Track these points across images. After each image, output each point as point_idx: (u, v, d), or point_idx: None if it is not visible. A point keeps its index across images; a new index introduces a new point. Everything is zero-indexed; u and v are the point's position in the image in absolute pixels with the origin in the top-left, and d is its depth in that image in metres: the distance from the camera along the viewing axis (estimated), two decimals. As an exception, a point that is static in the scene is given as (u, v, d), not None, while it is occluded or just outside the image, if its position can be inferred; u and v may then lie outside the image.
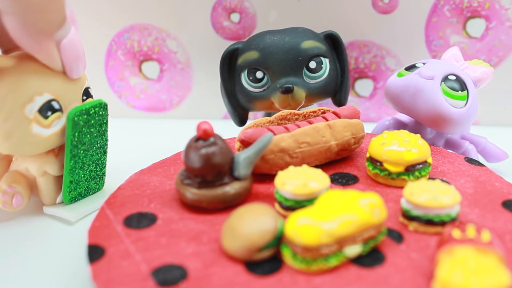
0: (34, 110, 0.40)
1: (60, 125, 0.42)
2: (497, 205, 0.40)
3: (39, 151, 0.42)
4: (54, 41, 0.40)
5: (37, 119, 0.40)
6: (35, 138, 0.41)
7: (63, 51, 0.40)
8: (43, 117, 0.41)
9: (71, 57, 0.41)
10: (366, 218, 0.33)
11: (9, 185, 0.44)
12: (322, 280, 0.32)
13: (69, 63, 0.42)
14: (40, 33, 0.38)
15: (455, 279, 0.28)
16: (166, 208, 0.41)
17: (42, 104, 0.40)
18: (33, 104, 0.40)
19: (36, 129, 0.40)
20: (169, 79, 0.69)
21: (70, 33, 0.41)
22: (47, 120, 0.41)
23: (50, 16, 0.38)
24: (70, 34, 0.41)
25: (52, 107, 0.41)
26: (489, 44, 0.62)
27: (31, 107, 0.40)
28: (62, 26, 0.40)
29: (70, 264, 0.40)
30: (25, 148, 0.41)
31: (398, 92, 0.50)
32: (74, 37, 0.41)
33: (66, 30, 0.40)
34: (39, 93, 0.40)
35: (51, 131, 0.41)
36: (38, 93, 0.40)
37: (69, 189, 0.44)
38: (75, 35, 0.42)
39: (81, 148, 0.43)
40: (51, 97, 0.41)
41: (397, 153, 0.42)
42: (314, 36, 0.51)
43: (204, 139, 0.39)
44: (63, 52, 0.41)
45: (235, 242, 0.34)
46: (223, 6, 0.64)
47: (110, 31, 0.66)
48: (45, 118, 0.41)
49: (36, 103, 0.40)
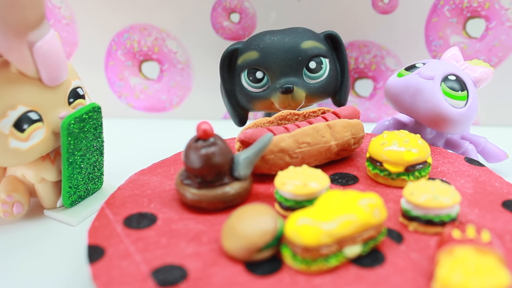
0: (8, 125, 0.38)
1: (41, 136, 0.40)
2: (497, 205, 0.40)
3: (22, 163, 0.41)
4: (26, 42, 0.36)
5: (13, 133, 0.38)
6: (14, 152, 0.39)
7: (36, 54, 0.37)
8: (19, 131, 0.38)
9: (46, 62, 0.38)
10: (366, 218, 0.33)
11: (8, 195, 0.43)
12: (322, 281, 0.32)
13: (44, 69, 0.38)
14: (10, 32, 0.34)
15: (455, 279, 0.28)
16: (166, 208, 0.41)
17: (17, 118, 0.38)
18: (6, 119, 0.38)
19: (13, 144, 0.39)
20: (169, 79, 0.69)
21: (47, 35, 0.37)
22: (24, 133, 0.39)
23: (23, 13, 0.34)
24: (47, 36, 0.37)
25: (29, 118, 0.39)
26: (489, 44, 0.62)
27: (4, 122, 0.38)
28: (37, 26, 0.36)
29: (70, 264, 0.40)
30: (6, 162, 0.40)
31: (398, 92, 0.50)
32: (52, 41, 0.38)
33: (42, 32, 0.37)
34: (12, 106, 0.38)
35: (30, 144, 0.40)
36: (10, 107, 0.38)
37: (68, 194, 0.44)
38: (53, 39, 0.38)
39: (77, 154, 0.43)
40: (26, 109, 0.38)
41: (397, 153, 0.42)
42: (314, 36, 0.51)
43: (204, 139, 0.39)
44: (37, 55, 0.37)
45: (235, 242, 0.34)
46: (223, 6, 0.64)
47: (110, 31, 0.66)
48: (21, 132, 0.38)
49: (10, 117, 0.38)
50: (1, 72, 0.38)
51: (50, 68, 0.39)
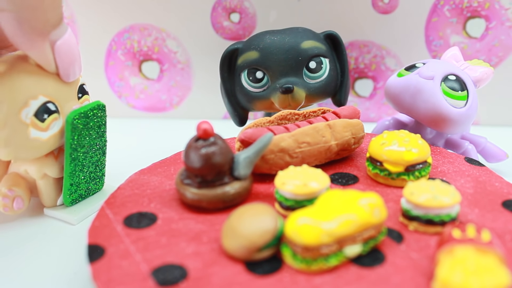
0: (30, 114, 0.39)
1: (58, 127, 0.42)
2: (497, 205, 0.40)
3: (39, 154, 0.42)
4: (48, 41, 0.39)
5: (34, 123, 0.40)
6: (34, 142, 0.40)
7: (57, 52, 0.39)
8: (39, 120, 0.40)
9: (65, 59, 0.40)
10: (366, 218, 0.33)
11: (9, 189, 0.43)
12: (322, 280, 0.32)
13: (63, 65, 0.41)
14: (35, 32, 0.37)
15: (455, 279, 0.28)
16: (166, 208, 0.41)
17: (38, 108, 0.40)
18: (28, 108, 0.39)
19: (34, 134, 0.40)
20: (169, 79, 0.69)
21: (66, 34, 0.40)
22: (44, 123, 0.40)
23: (46, 15, 0.37)
24: (66, 35, 0.40)
25: (48, 109, 0.40)
26: (489, 44, 0.62)
27: (26, 111, 0.39)
28: (57, 26, 0.39)
29: (70, 264, 0.40)
30: (25, 153, 0.41)
31: (398, 92, 0.50)
32: (70, 39, 0.40)
33: (62, 31, 0.39)
34: (34, 96, 0.39)
35: (49, 134, 0.41)
36: (32, 97, 0.39)
37: (69, 192, 0.44)
38: (71, 37, 0.40)
39: (80, 151, 0.43)
40: (46, 99, 0.40)
41: (397, 153, 0.42)
42: (314, 36, 0.51)
43: (204, 139, 0.39)
44: (57, 53, 0.40)
45: (235, 242, 0.34)
46: (223, 6, 0.64)
47: (110, 31, 0.66)
48: (42, 122, 0.40)
49: (31, 107, 0.39)
50: (22, 64, 0.40)
51: (68, 65, 0.41)
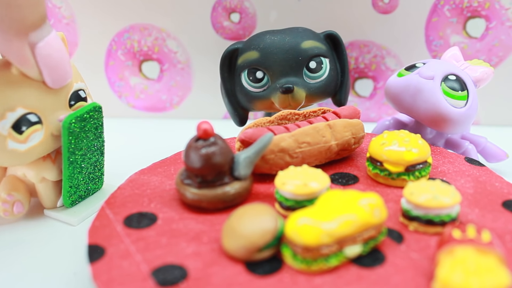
0: (7, 126, 0.38)
1: (39, 138, 0.40)
2: (497, 205, 0.40)
3: (20, 164, 0.41)
4: (27, 43, 0.36)
5: (11, 135, 0.38)
6: (11, 153, 0.39)
7: (39, 55, 0.36)
8: (17, 132, 0.38)
9: (49, 63, 0.37)
10: (366, 218, 0.33)
11: (9, 194, 0.43)
12: (322, 280, 0.32)
13: (47, 70, 0.38)
14: (10, 31, 0.34)
15: (455, 279, 0.28)
16: (166, 208, 0.41)
17: (15, 120, 0.38)
18: (5, 120, 0.38)
19: (11, 145, 0.39)
20: (169, 79, 0.69)
21: (49, 36, 0.37)
22: (22, 135, 0.39)
23: (22, 13, 0.34)
24: (49, 37, 0.37)
25: (28, 120, 0.39)
26: (489, 44, 0.62)
27: (3, 123, 0.38)
28: (38, 26, 0.36)
29: (70, 264, 0.40)
30: (4, 162, 0.40)
31: (398, 92, 0.50)
32: (54, 41, 0.37)
33: (44, 32, 0.36)
34: (11, 108, 0.38)
35: (28, 146, 0.39)
36: (9, 109, 0.38)
37: (69, 194, 0.44)
38: (55, 39, 0.38)
39: (78, 154, 0.43)
40: (25, 111, 0.38)
41: (397, 153, 0.42)
42: (314, 36, 0.51)
43: (204, 139, 0.39)
44: (39, 56, 0.37)
45: (235, 242, 0.34)
46: (223, 6, 0.64)
47: (110, 31, 0.66)
48: (19, 134, 0.38)
49: (8, 119, 0.38)
50: (2, 73, 0.38)
51: (53, 70, 0.38)
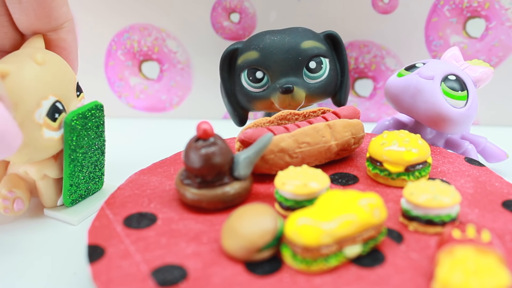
0: (43, 115, 0.40)
1: None
2: (497, 205, 0.40)
3: (51, 154, 0.42)
4: None
5: (46, 123, 0.40)
6: (48, 142, 0.40)
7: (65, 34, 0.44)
8: (51, 120, 0.40)
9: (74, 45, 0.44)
10: (366, 218, 0.33)
11: (9, 190, 0.43)
12: (322, 280, 0.32)
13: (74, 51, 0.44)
14: None
15: (455, 279, 0.28)
16: (166, 208, 0.41)
17: (49, 108, 0.40)
18: (41, 109, 0.39)
19: (47, 134, 0.40)
20: (169, 79, 0.69)
21: None
22: (55, 122, 0.41)
23: None
24: None
25: (58, 108, 0.41)
26: (489, 44, 0.62)
27: (39, 112, 0.39)
28: None
29: (70, 264, 0.40)
30: (40, 154, 0.41)
31: (398, 92, 0.50)
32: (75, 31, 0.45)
33: None
34: (45, 96, 0.40)
35: (60, 133, 0.41)
36: (44, 97, 0.40)
37: (69, 192, 0.44)
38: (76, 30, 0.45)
39: (79, 151, 0.43)
40: (55, 99, 0.41)
41: (397, 153, 0.42)
42: (314, 36, 0.51)
43: (204, 139, 0.39)
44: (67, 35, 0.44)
45: (235, 242, 0.34)
46: (223, 6, 0.64)
47: (110, 31, 0.66)
48: (53, 121, 0.40)
49: (43, 107, 0.40)
50: (29, 64, 0.40)
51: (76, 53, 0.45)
